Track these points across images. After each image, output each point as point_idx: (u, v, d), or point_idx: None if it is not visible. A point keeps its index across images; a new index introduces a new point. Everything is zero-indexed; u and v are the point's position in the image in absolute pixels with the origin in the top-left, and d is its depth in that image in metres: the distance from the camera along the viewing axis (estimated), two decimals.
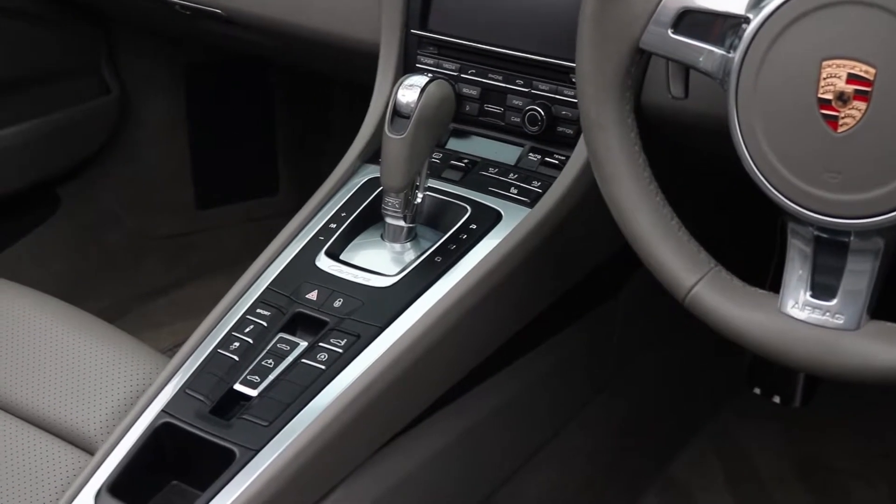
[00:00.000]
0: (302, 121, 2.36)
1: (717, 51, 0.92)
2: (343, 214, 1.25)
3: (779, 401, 1.95)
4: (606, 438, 1.58)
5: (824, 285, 0.91)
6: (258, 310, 1.17)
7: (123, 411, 1.18)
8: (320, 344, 1.11)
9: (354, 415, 1.06)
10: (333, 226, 1.24)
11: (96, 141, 2.07)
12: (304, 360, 1.10)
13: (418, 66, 1.34)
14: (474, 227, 1.20)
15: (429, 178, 1.23)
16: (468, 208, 1.23)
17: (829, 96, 0.85)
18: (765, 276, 1.73)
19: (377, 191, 1.26)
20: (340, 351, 1.10)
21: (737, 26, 0.91)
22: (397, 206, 1.18)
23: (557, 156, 1.26)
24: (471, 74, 1.31)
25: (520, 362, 1.29)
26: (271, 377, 1.10)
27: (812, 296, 0.92)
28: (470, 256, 1.17)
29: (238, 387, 1.10)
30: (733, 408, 1.93)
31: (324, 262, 1.20)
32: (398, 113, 1.14)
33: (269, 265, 1.22)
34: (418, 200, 1.20)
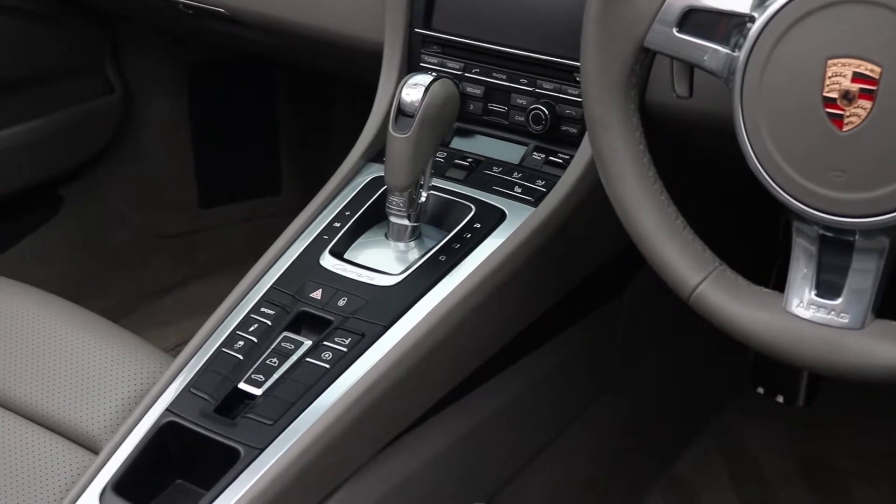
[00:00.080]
0: (305, 119, 2.35)
1: (721, 49, 0.92)
2: (347, 213, 1.25)
3: (782, 400, 1.95)
4: (610, 438, 1.58)
5: (829, 284, 0.91)
6: (262, 309, 1.17)
7: (127, 410, 1.18)
8: (324, 343, 1.11)
9: (359, 414, 1.06)
10: (337, 225, 1.24)
11: (100, 140, 2.07)
12: (308, 359, 1.10)
13: (422, 65, 1.34)
14: (478, 226, 1.20)
15: (433, 177, 1.23)
16: (472, 207, 1.23)
17: (834, 95, 0.85)
18: (769, 274, 1.73)
19: (381, 190, 1.26)
20: (345, 350, 1.10)
21: (741, 25, 0.91)
22: (401, 204, 1.18)
23: (561, 155, 1.25)
24: (475, 73, 1.31)
25: (523, 362, 1.29)
26: (276, 376, 1.10)
27: (817, 295, 0.91)
28: (474, 255, 1.17)
29: (242, 386, 1.10)
30: (737, 407, 1.93)
31: (328, 261, 1.20)
32: (402, 112, 1.14)
33: (274, 264, 1.22)
34: (422, 199, 1.20)
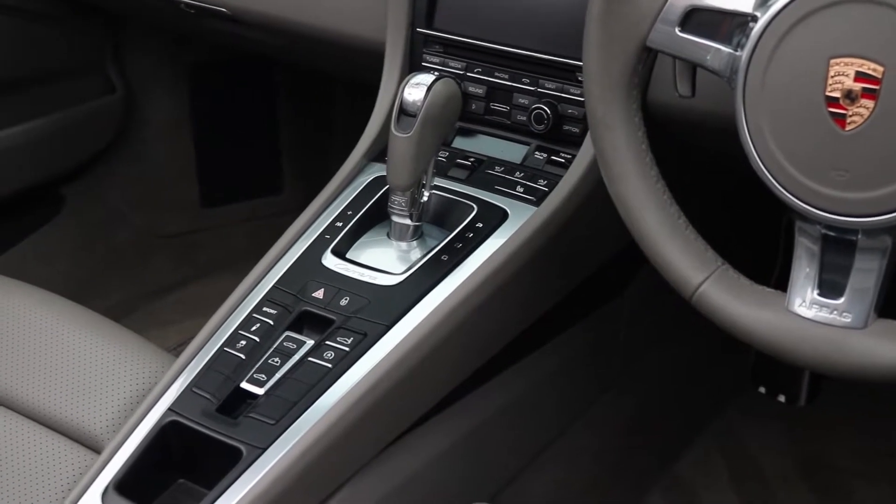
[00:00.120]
0: (306, 119, 2.35)
1: (724, 49, 0.92)
2: (349, 213, 1.25)
3: (783, 399, 1.95)
4: (612, 437, 1.58)
5: (832, 283, 0.91)
6: (264, 308, 1.17)
7: (130, 410, 1.18)
8: (327, 342, 1.11)
9: (361, 413, 1.06)
10: (339, 224, 1.24)
11: (102, 140, 2.07)
12: (310, 359, 1.10)
13: (424, 64, 1.34)
14: (480, 225, 1.20)
15: (435, 176, 1.23)
16: (474, 207, 1.23)
17: (836, 94, 0.85)
18: (770, 274, 1.73)
19: (383, 189, 1.26)
20: (347, 349, 1.10)
21: (744, 24, 0.91)
22: (403, 204, 1.18)
23: (563, 154, 1.25)
24: (477, 73, 1.31)
25: (525, 361, 1.29)
26: (278, 375, 1.10)
27: (819, 294, 0.92)
28: (476, 255, 1.17)
29: (245, 385, 1.10)
30: (738, 406, 1.93)
31: (330, 261, 1.20)
32: (404, 111, 1.14)
33: (276, 263, 1.22)
34: (424, 199, 1.20)
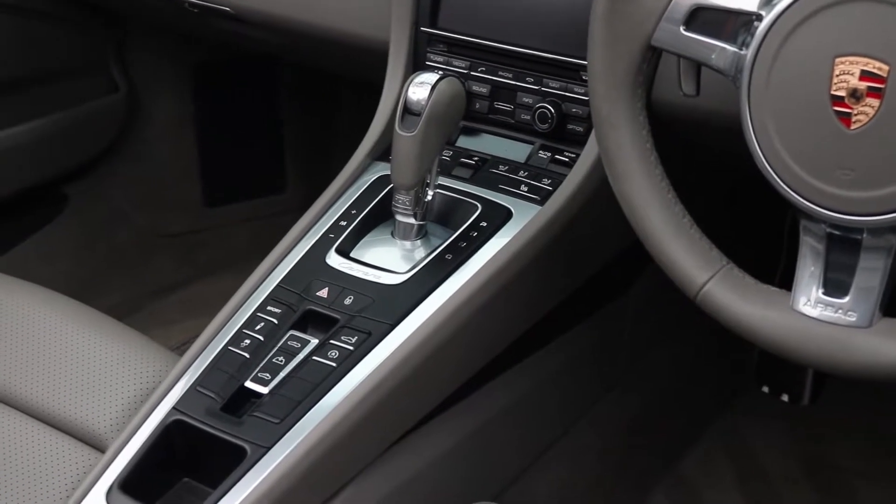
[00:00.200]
0: (309, 118, 2.35)
1: (729, 48, 0.92)
2: (353, 212, 1.25)
3: (787, 399, 1.95)
4: (616, 436, 1.58)
5: (837, 282, 0.91)
6: (269, 307, 1.17)
7: (134, 409, 1.18)
8: (331, 341, 1.11)
9: (365, 412, 1.06)
10: (344, 223, 1.24)
11: (105, 139, 2.07)
12: (314, 358, 1.10)
13: (428, 63, 1.34)
14: (484, 224, 1.20)
15: (439, 175, 1.23)
16: (478, 206, 1.23)
17: (842, 93, 0.85)
18: (774, 273, 1.73)
19: (387, 188, 1.26)
20: (351, 348, 1.10)
21: (749, 23, 0.91)
22: (408, 203, 1.18)
23: (568, 153, 1.25)
24: (481, 72, 1.30)
25: (530, 360, 1.29)
26: (282, 374, 1.10)
27: (824, 293, 0.91)
28: (480, 254, 1.17)
29: (249, 384, 1.10)
30: (742, 406, 1.93)
31: (334, 260, 1.20)
32: (409, 110, 1.14)
33: (280, 262, 1.22)
34: (429, 198, 1.20)
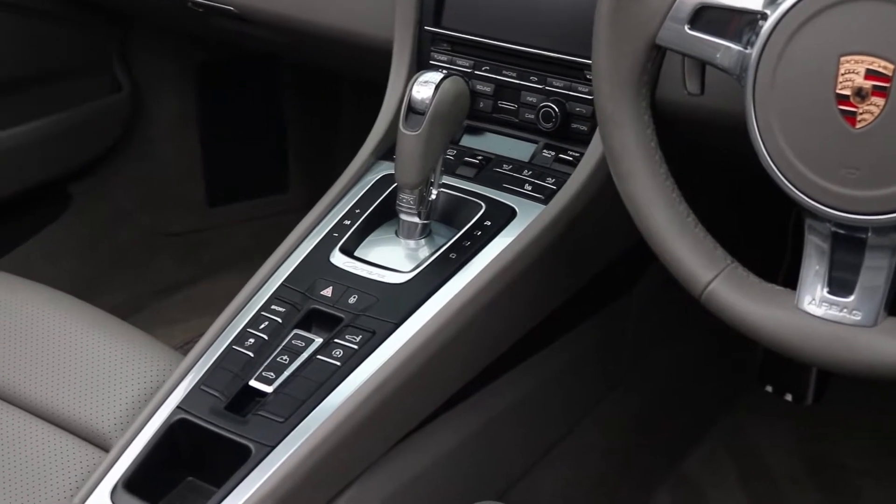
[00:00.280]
0: (312, 118, 2.36)
1: (734, 47, 0.92)
2: (357, 211, 1.25)
3: (791, 398, 1.95)
4: (620, 435, 1.58)
5: (841, 281, 0.91)
6: (273, 306, 1.17)
7: (138, 408, 1.17)
8: (335, 340, 1.11)
9: (369, 411, 1.06)
10: (348, 222, 1.24)
11: (108, 138, 2.07)
12: (319, 357, 1.10)
13: (432, 62, 1.34)
14: (489, 223, 1.20)
15: (443, 174, 1.23)
16: (482, 205, 1.22)
17: (847, 92, 0.85)
18: (779, 272, 1.73)
19: (391, 187, 1.26)
20: (355, 347, 1.10)
21: (754, 22, 0.91)
22: (412, 202, 1.18)
23: (572, 152, 1.25)
24: (485, 71, 1.30)
25: (534, 359, 1.29)
26: (286, 373, 1.10)
27: (829, 292, 0.91)
28: (484, 253, 1.17)
29: (253, 383, 1.10)
30: (746, 405, 1.93)
31: (338, 259, 1.20)
32: (413, 109, 1.14)
33: (284, 262, 1.22)
34: (433, 197, 1.20)
